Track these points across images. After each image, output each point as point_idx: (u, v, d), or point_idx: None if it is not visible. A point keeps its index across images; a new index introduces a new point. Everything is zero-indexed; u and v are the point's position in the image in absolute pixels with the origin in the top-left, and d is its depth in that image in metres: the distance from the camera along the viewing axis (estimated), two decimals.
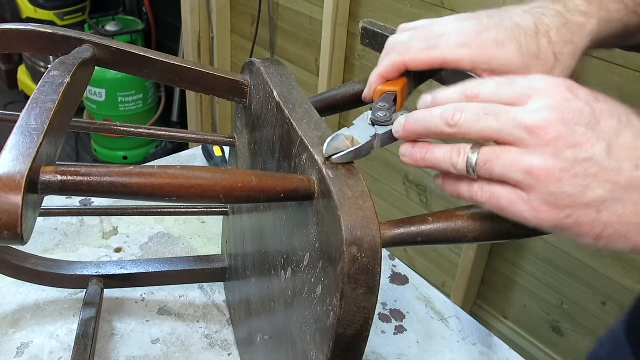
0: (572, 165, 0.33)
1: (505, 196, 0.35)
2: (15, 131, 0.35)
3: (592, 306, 1.16)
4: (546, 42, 0.43)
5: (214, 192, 0.37)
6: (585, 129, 0.33)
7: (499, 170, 0.35)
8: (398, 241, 0.40)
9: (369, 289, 0.36)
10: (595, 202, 0.33)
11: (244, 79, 0.56)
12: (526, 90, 0.35)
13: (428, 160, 0.38)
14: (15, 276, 0.65)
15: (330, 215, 0.37)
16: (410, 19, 0.48)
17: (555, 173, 0.33)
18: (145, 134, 0.58)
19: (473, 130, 0.35)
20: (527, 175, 0.33)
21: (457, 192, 0.38)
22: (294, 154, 0.44)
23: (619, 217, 0.33)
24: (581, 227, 0.34)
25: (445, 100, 0.38)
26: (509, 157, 0.34)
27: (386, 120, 0.41)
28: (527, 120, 0.33)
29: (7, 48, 0.51)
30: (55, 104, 0.39)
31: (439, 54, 0.43)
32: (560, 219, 0.34)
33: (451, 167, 0.37)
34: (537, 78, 0.36)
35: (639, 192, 0.33)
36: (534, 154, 0.33)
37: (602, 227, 0.33)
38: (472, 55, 0.42)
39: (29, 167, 0.32)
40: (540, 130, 0.33)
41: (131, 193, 0.35)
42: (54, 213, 0.63)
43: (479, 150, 0.36)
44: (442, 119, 0.36)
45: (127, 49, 0.52)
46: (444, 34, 0.44)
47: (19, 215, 0.31)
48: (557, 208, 0.33)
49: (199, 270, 0.68)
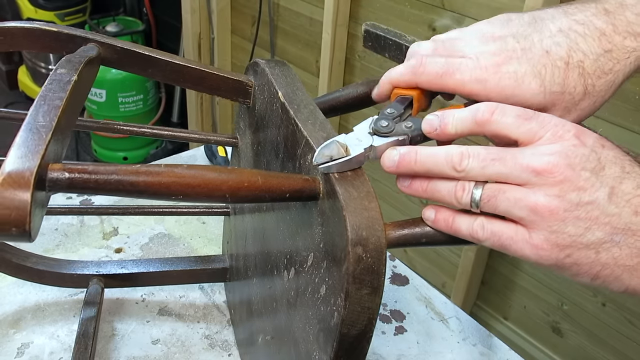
0: (575, 207, 0.34)
1: (506, 233, 0.36)
2: (24, 128, 0.35)
3: (592, 307, 1.16)
4: (577, 74, 0.40)
5: (221, 192, 0.37)
6: (590, 174, 0.34)
7: (503, 207, 0.35)
8: (402, 242, 0.40)
9: (374, 289, 0.36)
10: (595, 243, 0.34)
11: (248, 79, 0.56)
12: (539, 129, 0.35)
13: (429, 193, 0.38)
14: (16, 275, 0.64)
15: (335, 215, 0.37)
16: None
17: (560, 213, 0.34)
18: (149, 133, 0.58)
19: (481, 177, 0.36)
20: (531, 212, 0.34)
21: (453, 228, 0.38)
22: (299, 154, 0.44)
23: (615, 259, 0.34)
24: (580, 267, 0.35)
25: (455, 124, 0.38)
26: (514, 194, 0.35)
27: (387, 131, 0.39)
28: (535, 163, 0.34)
29: (13, 46, 0.51)
30: (63, 102, 0.38)
31: (452, 85, 0.41)
32: (561, 259, 0.35)
33: (454, 201, 0.37)
34: (550, 120, 0.36)
35: (635, 237, 0.34)
36: (539, 193, 0.34)
37: (600, 268, 0.35)
38: (487, 92, 0.40)
39: (38, 165, 0.32)
40: (547, 173, 0.34)
41: (138, 191, 0.35)
42: (56, 212, 0.63)
43: (483, 186, 0.36)
44: (448, 163, 0.36)
45: (132, 48, 0.53)
46: (463, 58, 0.41)
47: (27, 212, 0.30)
48: (558, 247, 0.34)
49: (200, 270, 0.68)
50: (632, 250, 0.34)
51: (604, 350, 1.16)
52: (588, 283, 0.36)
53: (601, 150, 0.35)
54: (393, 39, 0.58)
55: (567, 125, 0.35)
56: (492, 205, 0.36)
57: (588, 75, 0.40)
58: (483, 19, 0.44)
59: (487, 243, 0.37)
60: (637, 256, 0.34)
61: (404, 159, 0.38)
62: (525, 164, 0.34)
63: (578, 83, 0.40)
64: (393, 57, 0.60)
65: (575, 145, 0.34)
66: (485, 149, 0.36)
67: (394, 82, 0.44)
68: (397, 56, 0.60)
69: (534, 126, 0.35)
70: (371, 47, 0.61)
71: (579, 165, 0.34)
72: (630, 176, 0.35)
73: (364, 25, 0.61)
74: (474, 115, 0.37)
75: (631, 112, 1.01)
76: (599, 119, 1.05)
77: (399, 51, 0.59)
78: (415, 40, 0.56)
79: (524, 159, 0.35)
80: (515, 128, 0.36)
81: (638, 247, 0.34)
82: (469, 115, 0.37)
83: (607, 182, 0.34)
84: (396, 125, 0.40)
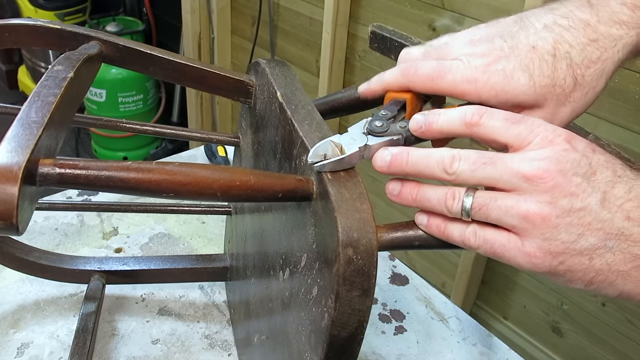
0: (567, 213, 0.33)
1: (498, 241, 0.35)
2: (16, 123, 0.35)
3: (592, 307, 1.16)
4: (565, 65, 0.40)
5: (212, 190, 0.37)
6: (582, 179, 0.34)
7: (494, 215, 0.35)
8: (395, 245, 0.39)
9: (364, 291, 0.35)
10: (588, 249, 0.34)
11: (249, 79, 0.56)
12: (528, 134, 0.35)
13: (419, 202, 0.38)
14: (19, 269, 0.65)
15: (327, 216, 0.37)
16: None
17: (552, 220, 0.33)
18: (151, 131, 0.58)
19: (471, 180, 0.36)
20: (523, 220, 0.34)
21: (445, 234, 0.38)
22: (295, 154, 0.44)
23: (609, 265, 0.34)
24: (574, 274, 0.35)
25: (441, 123, 0.37)
26: (505, 202, 0.35)
27: (382, 131, 0.39)
28: (525, 169, 0.34)
29: (16, 43, 0.51)
30: (56, 98, 0.39)
31: (443, 87, 0.41)
32: (554, 266, 0.34)
33: (445, 210, 0.37)
34: (540, 124, 0.35)
35: (628, 242, 0.34)
36: (530, 200, 0.34)
37: (594, 274, 0.34)
38: (479, 91, 0.40)
39: (27, 159, 0.32)
40: (538, 179, 0.34)
41: (128, 188, 0.35)
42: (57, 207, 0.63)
43: (474, 194, 0.36)
44: (439, 165, 0.36)
45: (134, 46, 0.53)
46: (454, 61, 0.41)
47: (14, 205, 0.31)
48: (551, 254, 0.34)
49: (201, 269, 0.68)
50: (626, 255, 0.34)
51: (604, 350, 1.16)
52: (582, 289, 0.35)
53: (592, 155, 0.35)
54: (399, 41, 0.58)
55: (558, 130, 0.35)
56: (484, 213, 0.35)
57: (576, 65, 0.40)
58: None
59: (479, 250, 0.36)
60: (630, 261, 0.34)
61: (396, 159, 0.37)
62: (515, 169, 0.34)
63: (567, 74, 0.40)
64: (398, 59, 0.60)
65: (566, 150, 0.34)
66: (477, 153, 0.36)
67: (386, 86, 0.44)
68: None
69: (522, 130, 0.35)
70: (377, 49, 0.61)
71: (570, 170, 0.34)
72: (622, 180, 0.34)
73: (370, 26, 0.61)
74: (462, 117, 0.37)
75: (631, 112, 1.01)
76: (599, 119, 1.05)
77: None
78: (421, 42, 0.56)
79: (514, 164, 0.34)
80: (503, 132, 0.36)
81: (631, 252, 0.34)
82: (457, 117, 0.37)
83: (599, 187, 0.34)
84: (390, 125, 0.40)
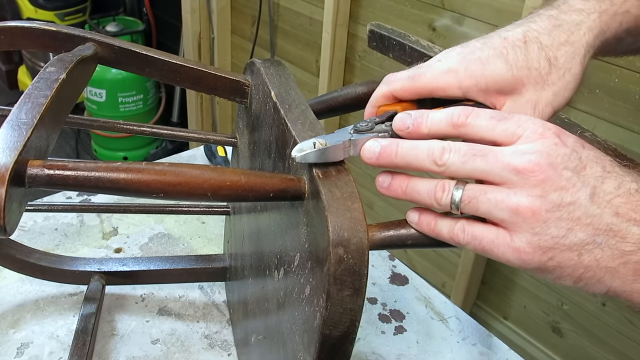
0: (557, 207, 0.33)
1: (487, 237, 0.35)
2: (5, 125, 0.35)
3: (592, 307, 1.16)
4: (536, 48, 0.41)
5: (202, 190, 0.37)
6: (572, 174, 0.34)
7: (484, 208, 0.35)
8: (387, 244, 0.39)
9: (355, 290, 0.35)
10: (577, 245, 0.34)
11: (245, 79, 0.56)
12: (516, 129, 0.35)
13: (409, 195, 0.38)
14: (19, 270, 0.65)
15: (318, 215, 0.37)
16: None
17: (542, 214, 0.33)
18: (148, 132, 0.58)
19: (461, 172, 0.35)
20: (513, 214, 0.34)
21: (435, 231, 0.38)
22: (288, 154, 0.43)
23: (598, 261, 0.34)
24: (563, 270, 0.34)
25: (429, 125, 0.37)
26: (494, 195, 0.34)
27: (367, 129, 0.39)
28: (516, 162, 0.34)
29: (12, 45, 0.51)
30: (47, 100, 0.39)
31: (424, 83, 0.42)
32: (544, 262, 0.34)
33: (434, 202, 0.36)
34: (528, 119, 0.35)
35: (617, 238, 0.33)
36: (520, 194, 0.34)
37: (583, 270, 0.34)
38: (459, 80, 0.41)
39: (15, 160, 0.32)
40: (528, 173, 0.33)
41: (118, 189, 0.35)
42: (57, 209, 0.63)
43: (464, 187, 0.36)
44: (429, 157, 0.36)
45: (130, 48, 0.53)
46: (431, 63, 0.42)
47: (1, 207, 0.31)
48: (540, 249, 0.34)
49: (200, 269, 0.68)
50: (614, 251, 0.33)
51: (604, 350, 1.16)
52: (570, 286, 0.35)
53: (582, 150, 0.35)
54: (397, 39, 0.58)
55: (547, 124, 0.35)
56: (473, 206, 0.35)
57: (547, 47, 0.41)
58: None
59: (468, 247, 0.36)
60: (618, 257, 0.33)
61: (385, 151, 0.37)
62: (506, 162, 0.34)
63: (540, 56, 0.41)
64: (397, 57, 0.59)
65: (556, 144, 0.34)
66: (467, 145, 0.35)
67: (373, 102, 0.44)
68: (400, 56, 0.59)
69: (509, 126, 0.35)
70: (375, 47, 0.61)
71: (560, 164, 0.33)
72: (611, 176, 0.34)
73: (368, 25, 0.60)
74: (449, 118, 0.37)
75: (631, 112, 1.01)
76: (598, 118, 1.05)
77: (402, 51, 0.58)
78: (419, 41, 0.56)
79: (504, 156, 0.34)
80: (489, 129, 0.35)
81: (619, 249, 0.33)
82: (444, 118, 0.37)
83: (589, 182, 0.34)
84: (376, 125, 0.40)
